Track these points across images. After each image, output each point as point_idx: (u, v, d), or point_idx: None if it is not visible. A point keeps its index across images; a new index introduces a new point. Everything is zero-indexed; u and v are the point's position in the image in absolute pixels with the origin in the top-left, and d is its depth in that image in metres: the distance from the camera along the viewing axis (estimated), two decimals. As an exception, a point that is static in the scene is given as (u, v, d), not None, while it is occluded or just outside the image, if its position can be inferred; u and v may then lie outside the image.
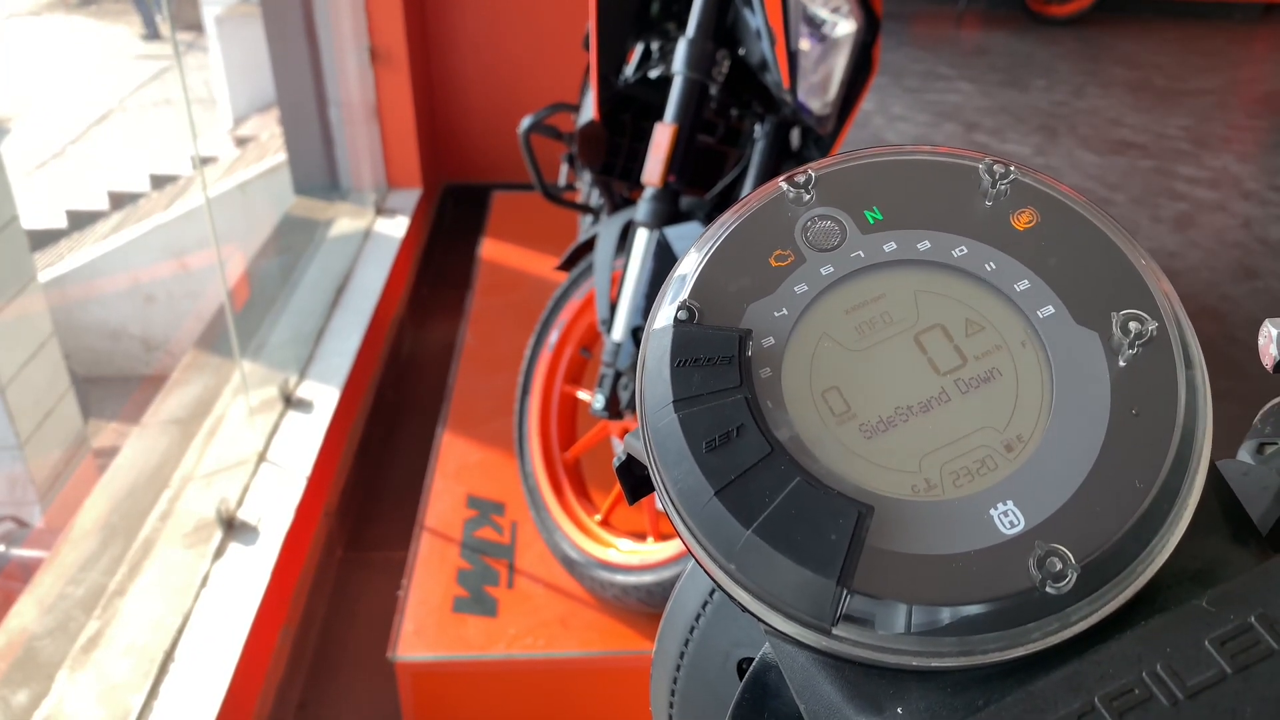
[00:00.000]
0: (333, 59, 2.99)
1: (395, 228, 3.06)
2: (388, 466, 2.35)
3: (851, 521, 0.24)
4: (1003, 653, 0.24)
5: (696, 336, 0.27)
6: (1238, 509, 0.28)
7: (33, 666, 1.44)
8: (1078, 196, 0.29)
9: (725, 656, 0.37)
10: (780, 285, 0.28)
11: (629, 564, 1.66)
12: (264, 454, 1.96)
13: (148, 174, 3.70)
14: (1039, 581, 0.23)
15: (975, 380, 0.27)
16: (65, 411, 2.13)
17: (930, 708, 0.24)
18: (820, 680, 0.26)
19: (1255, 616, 0.22)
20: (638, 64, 1.78)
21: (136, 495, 1.81)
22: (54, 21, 4.73)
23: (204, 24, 3.67)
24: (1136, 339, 0.26)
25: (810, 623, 0.24)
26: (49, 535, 1.86)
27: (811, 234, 0.29)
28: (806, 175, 0.30)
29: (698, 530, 0.25)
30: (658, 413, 0.27)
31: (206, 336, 2.45)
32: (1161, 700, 0.21)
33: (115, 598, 1.57)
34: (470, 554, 1.84)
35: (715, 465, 0.25)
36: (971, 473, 0.25)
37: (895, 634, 0.24)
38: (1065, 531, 0.24)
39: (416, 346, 2.88)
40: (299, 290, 2.62)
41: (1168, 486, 0.25)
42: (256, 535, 1.75)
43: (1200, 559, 0.26)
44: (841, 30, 1.53)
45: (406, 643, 1.66)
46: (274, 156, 3.22)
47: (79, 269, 3.06)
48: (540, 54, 3.37)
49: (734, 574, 0.25)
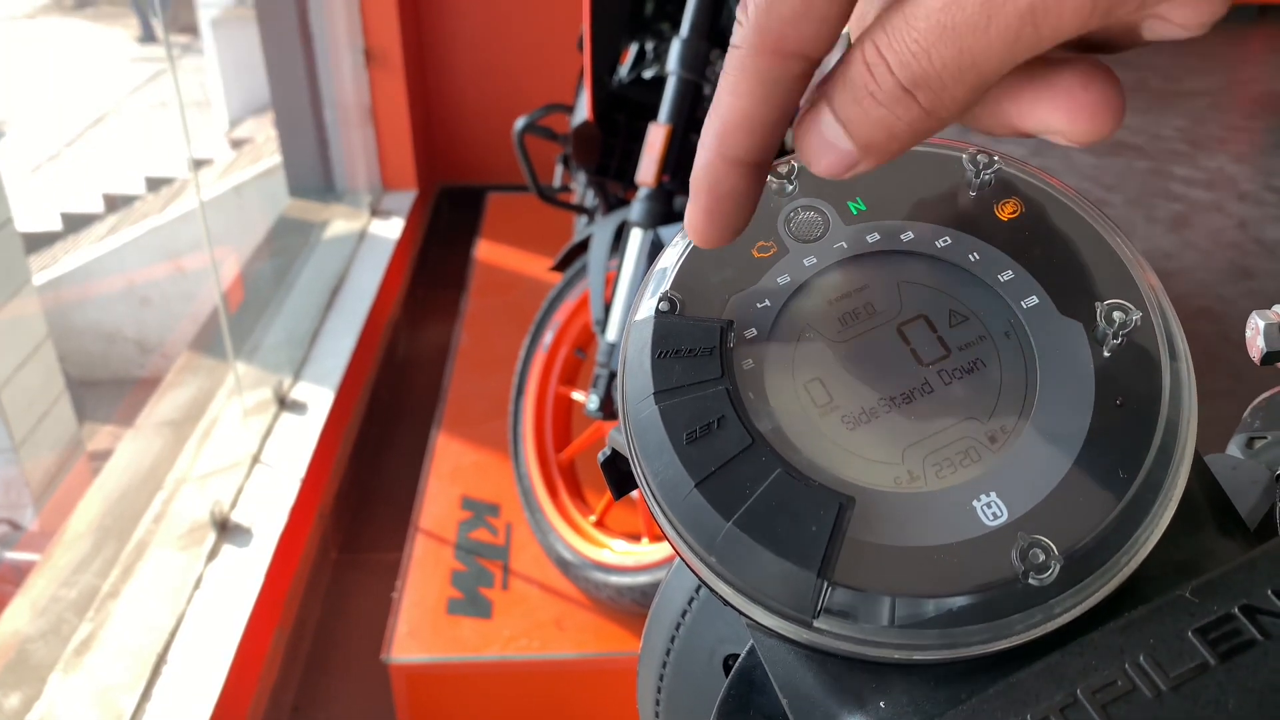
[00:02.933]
0: (328, 61, 2.99)
1: (390, 229, 3.05)
2: (382, 468, 2.34)
3: (833, 513, 0.24)
4: (986, 645, 0.23)
5: (678, 328, 0.27)
6: (1224, 502, 0.27)
7: (25, 669, 1.43)
8: (1062, 187, 0.29)
9: (711, 653, 0.36)
10: (763, 276, 0.28)
11: (623, 565, 1.66)
12: (258, 456, 1.95)
13: (143, 176, 3.69)
14: (1022, 573, 0.23)
15: (958, 371, 0.26)
16: (60, 414, 2.12)
17: (913, 701, 0.24)
18: (802, 674, 0.25)
19: (1239, 607, 0.22)
20: (632, 64, 1.78)
21: (130, 497, 1.81)
22: (49, 24, 4.72)
23: (199, 27, 3.66)
24: (1121, 329, 0.26)
25: (791, 615, 0.24)
26: (42, 538, 1.85)
27: (794, 225, 0.29)
28: (789, 166, 0.29)
29: (678, 522, 0.25)
30: (638, 404, 0.26)
31: (201, 339, 2.45)
32: (1144, 692, 0.21)
33: (108, 600, 1.56)
34: (465, 555, 1.84)
35: (696, 457, 0.25)
36: (954, 464, 0.25)
37: (878, 626, 0.24)
38: (1048, 523, 0.24)
39: (411, 348, 2.87)
40: (293, 292, 2.61)
41: (1151, 478, 0.24)
42: (250, 537, 1.74)
43: (1186, 552, 0.25)
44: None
45: (401, 644, 1.65)
46: (269, 159, 3.21)
47: (74, 271, 3.06)
48: (535, 55, 3.37)
49: (715, 566, 0.25)
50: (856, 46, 0.22)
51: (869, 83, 0.22)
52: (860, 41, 0.22)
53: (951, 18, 0.20)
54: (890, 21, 0.21)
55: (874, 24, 0.22)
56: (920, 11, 0.21)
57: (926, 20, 0.21)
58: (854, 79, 0.22)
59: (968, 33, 0.20)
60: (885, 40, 0.21)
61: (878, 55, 0.21)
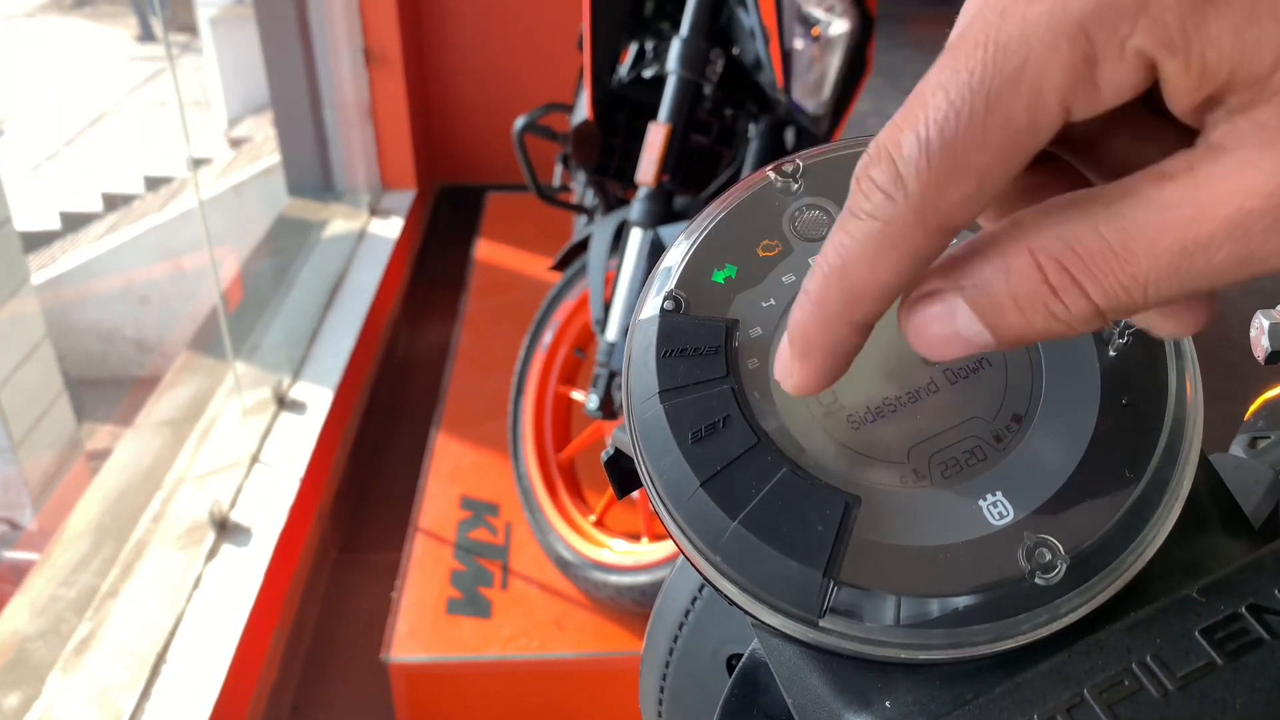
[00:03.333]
0: (327, 60, 2.99)
1: (389, 229, 3.05)
2: (381, 468, 2.34)
3: (839, 512, 0.24)
4: (992, 645, 0.23)
5: (683, 327, 0.27)
6: (1230, 501, 0.27)
7: (24, 669, 1.43)
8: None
9: (714, 653, 0.36)
10: (768, 275, 0.28)
11: (623, 565, 1.66)
12: (257, 455, 1.95)
13: (142, 176, 3.69)
14: (1028, 573, 0.23)
15: (964, 370, 0.26)
16: (59, 414, 2.12)
17: (919, 701, 0.24)
18: (808, 674, 0.25)
19: (1245, 606, 0.22)
20: (632, 64, 1.78)
21: (129, 497, 1.81)
22: (49, 23, 4.72)
23: (199, 26, 3.66)
24: (1127, 328, 0.26)
25: (797, 615, 0.24)
26: (41, 537, 1.85)
27: (799, 224, 0.29)
28: (794, 165, 0.29)
29: (684, 522, 0.25)
30: (644, 403, 0.26)
31: (200, 338, 2.44)
32: (1151, 691, 0.21)
33: (107, 599, 1.56)
34: (464, 555, 1.84)
35: (701, 456, 0.25)
36: (960, 463, 0.25)
37: (883, 626, 0.24)
38: (1055, 522, 0.24)
39: (411, 347, 2.87)
40: (293, 291, 2.61)
41: (1158, 477, 0.24)
42: (249, 537, 1.74)
43: (1192, 551, 0.25)
44: (836, 29, 1.53)
45: (400, 644, 1.65)
46: (268, 158, 3.21)
47: (73, 271, 3.06)
48: (534, 55, 3.36)
49: (720, 566, 0.25)
50: (1015, 244, 0.19)
51: (1050, 301, 0.19)
52: (1022, 239, 0.19)
53: (1194, 263, 0.18)
54: (1080, 237, 0.18)
55: (1043, 221, 0.19)
56: (1144, 241, 0.18)
57: (1154, 258, 0.18)
58: (1021, 290, 0.19)
59: (1203, 270, 0.18)
60: (1078, 262, 0.18)
61: (1070, 282, 0.18)
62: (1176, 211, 0.18)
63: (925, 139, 0.18)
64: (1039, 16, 0.17)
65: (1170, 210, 0.18)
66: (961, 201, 0.19)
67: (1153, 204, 0.18)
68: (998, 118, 0.18)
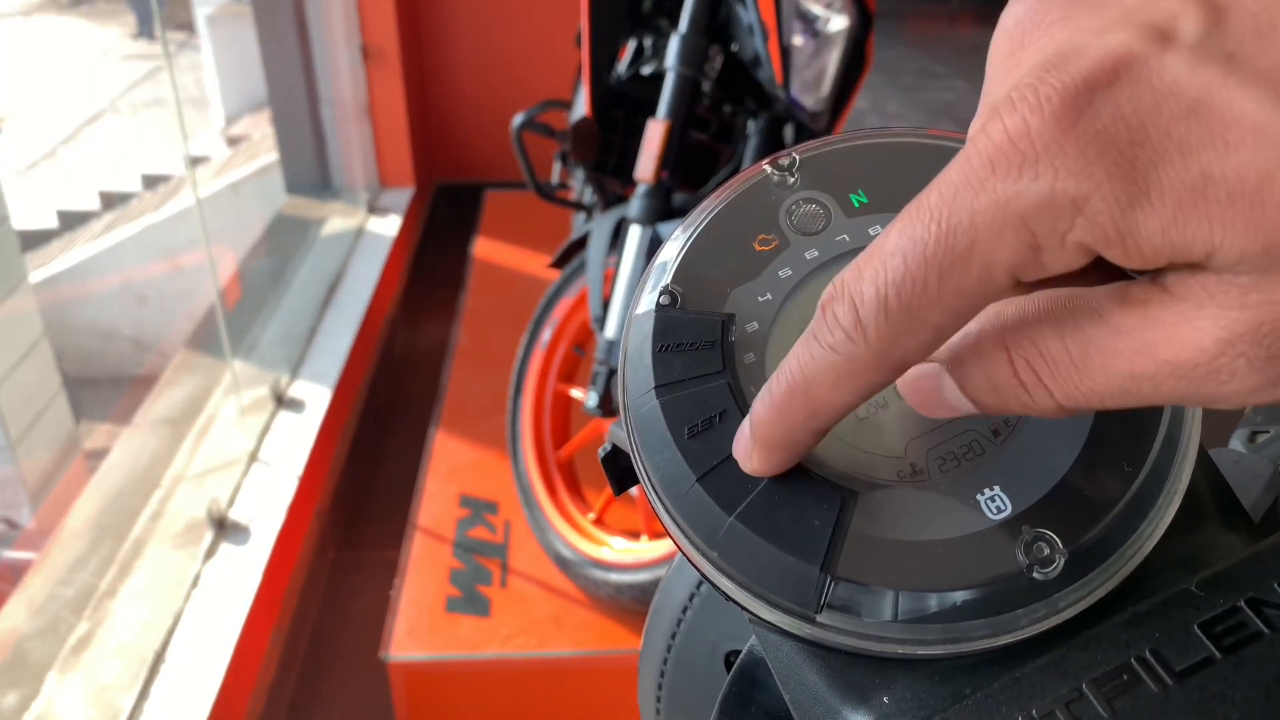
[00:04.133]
0: (325, 57, 2.98)
1: (387, 226, 3.05)
2: (380, 466, 2.34)
3: (836, 507, 0.24)
4: (990, 640, 0.23)
5: (679, 321, 0.27)
6: (1229, 495, 0.27)
7: (22, 668, 1.43)
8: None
9: (712, 649, 0.36)
10: (764, 270, 0.28)
11: (622, 562, 1.66)
12: (255, 454, 1.95)
13: (139, 174, 3.69)
14: (1026, 567, 0.23)
15: None
16: (56, 413, 2.11)
17: (917, 696, 0.24)
18: (805, 670, 0.25)
19: (1244, 600, 0.22)
20: (630, 60, 1.77)
21: (127, 496, 1.81)
22: (45, 22, 4.71)
23: (196, 23, 3.66)
24: None
25: (794, 610, 0.24)
26: (39, 536, 1.85)
27: (796, 218, 0.28)
28: (790, 158, 0.29)
29: (680, 518, 0.25)
30: (639, 399, 0.26)
31: (198, 336, 2.44)
32: (1150, 685, 0.21)
33: (105, 599, 1.56)
34: (463, 553, 1.84)
35: (697, 451, 0.25)
36: (958, 458, 0.25)
37: (881, 621, 0.23)
38: (1053, 517, 0.24)
39: (409, 345, 2.87)
40: (291, 289, 2.61)
41: (1156, 470, 0.24)
42: (248, 535, 1.74)
43: (1190, 545, 0.25)
44: (834, 26, 1.53)
45: (399, 642, 1.65)
46: (266, 156, 3.21)
47: (70, 269, 3.05)
48: (533, 51, 3.36)
49: (717, 562, 0.24)
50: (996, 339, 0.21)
51: (1020, 393, 0.21)
52: (1001, 335, 0.21)
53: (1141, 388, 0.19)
54: (1048, 343, 0.20)
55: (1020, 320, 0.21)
56: (1099, 360, 0.19)
57: (1107, 377, 0.19)
58: (998, 380, 0.21)
59: (1150, 395, 0.19)
60: (1044, 367, 0.20)
61: (1037, 382, 0.20)
62: (1127, 340, 0.19)
63: (884, 297, 0.20)
64: (985, 208, 0.19)
65: (1122, 338, 0.19)
66: (917, 348, 0.21)
67: (1109, 326, 0.19)
68: (950, 286, 0.19)
